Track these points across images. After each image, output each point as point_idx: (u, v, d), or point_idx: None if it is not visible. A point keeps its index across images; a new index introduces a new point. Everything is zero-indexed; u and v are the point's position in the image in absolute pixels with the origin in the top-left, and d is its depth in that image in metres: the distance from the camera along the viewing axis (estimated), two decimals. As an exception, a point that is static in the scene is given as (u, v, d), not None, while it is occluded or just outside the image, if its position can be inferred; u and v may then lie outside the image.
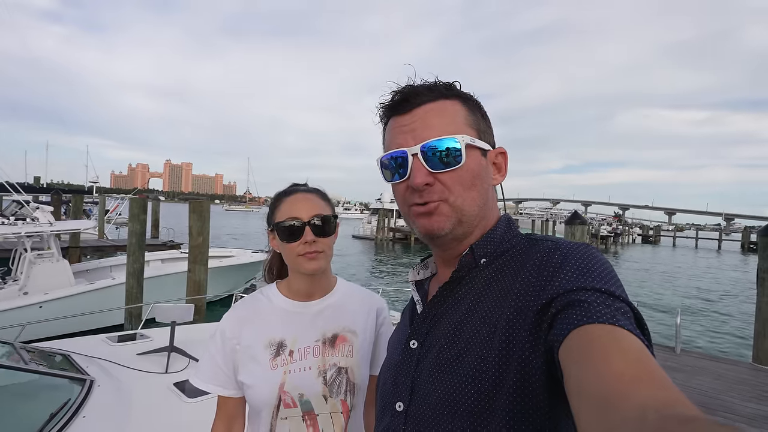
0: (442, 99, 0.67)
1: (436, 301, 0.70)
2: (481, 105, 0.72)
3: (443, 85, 0.69)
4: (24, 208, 9.23)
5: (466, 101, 0.69)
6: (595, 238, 40.02)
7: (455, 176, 0.65)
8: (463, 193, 0.66)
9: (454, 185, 0.66)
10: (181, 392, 2.63)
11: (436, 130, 0.65)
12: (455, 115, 0.67)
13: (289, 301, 1.11)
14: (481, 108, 0.71)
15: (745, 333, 10.86)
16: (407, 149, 0.66)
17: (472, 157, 0.66)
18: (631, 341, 0.46)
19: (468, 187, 0.66)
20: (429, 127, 0.66)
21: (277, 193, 1.13)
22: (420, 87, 0.68)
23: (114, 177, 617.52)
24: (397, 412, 0.67)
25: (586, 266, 0.56)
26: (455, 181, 0.65)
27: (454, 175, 0.65)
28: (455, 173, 0.65)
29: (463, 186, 0.66)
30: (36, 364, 2.67)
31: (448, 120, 0.66)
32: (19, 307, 7.18)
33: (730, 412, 4.23)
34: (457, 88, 0.70)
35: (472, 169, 0.66)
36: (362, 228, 40.09)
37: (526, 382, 0.54)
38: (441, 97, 0.67)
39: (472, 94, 0.71)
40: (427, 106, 0.67)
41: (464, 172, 0.65)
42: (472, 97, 0.71)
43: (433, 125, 0.66)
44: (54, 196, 16.39)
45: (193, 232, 7.60)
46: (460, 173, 0.65)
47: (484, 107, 0.72)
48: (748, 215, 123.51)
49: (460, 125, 0.66)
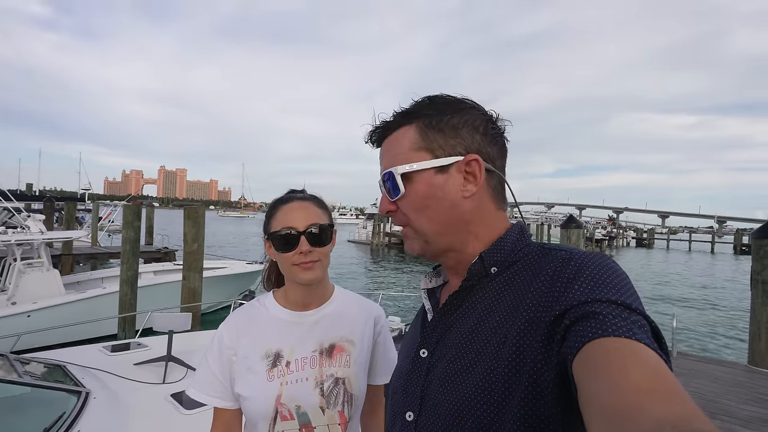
0: (400, 127, 0.71)
1: (446, 309, 0.69)
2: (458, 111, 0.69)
3: (403, 111, 0.71)
4: (15, 217, 9.12)
5: (424, 119, 0.68)
6: (590, 242, 40.22)
7: (405, 203, 0.70)
8: (418, 218, 0.69)
9: (408, 211, 0.70)
10: (179, 404, 2.59)
11: (387, 162, 0.71)
12: (402, 144, 0.70)
13: (286, 311, 1.10)
14: (449, 118, 0.68)
15: (741, 335, 10.93)
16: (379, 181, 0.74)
17: (418, 182, 0.68)
18: (648, 355, 0.45)
19: (419, 210, 0.69)
20: (385, 160, 0.72)
21: (273, 200, 1.12)
22: (387, 121, 0.73)
23: (108, 183, 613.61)
24: (407, 422, 0.67)
25: (602, 277, 0.55)
26: (407, 207, 0.70)
27: (404, 202, 0.70)
28: (405, 200, 0.70)
29: (415, 210, 0.69)
30: (30, 376, 2.62)
31: (396, 150, 0.70)
32: (7, 316, 7.06)
33: (727, 415, 4.24)
34: (427, 102, 0.69)
35: (420, 193, 0.68)
36: (358, 233, 40.10)
37: (537, 394, 0.53)
38: (399, 125, 0.71)
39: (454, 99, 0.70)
40: (387, 140, 0.72)
41: (411, 199, 0.69)
42: (442, 107, 0.68)
43: (387, 157, 0.72)
44: (46, 204, 16.23)
45: (188, 239, 7.55)
46: (408, 200, 0.69)
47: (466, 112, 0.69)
48: (740, 218, 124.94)
49: (405, 153, 0.69)
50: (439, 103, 0.70)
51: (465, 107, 0.70)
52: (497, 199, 0.71)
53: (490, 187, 0.69)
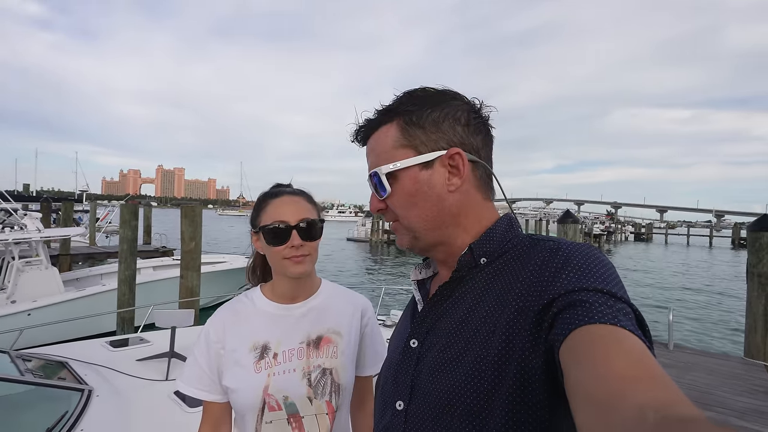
0: (382, 125, 0.71)
1: (436, 300, 0.70)
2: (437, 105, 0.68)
3: (384, 108, 0.72)
4: (12, 216, 9.10)
5: (404, 116, 0.69)
6: (588, 237, 40.26)
7: (393, 201, 0.71)
8: (406, 214, 0.70)
9: (397, 209, 0.71)
10: (182, 401, 2.59)
11: (372, 161, 0.72)
12: (384, 143, 0.70)
13: (273, 304, 1.11)
14: (429, 112, 0.68)
15: (738, 327, 10.99)
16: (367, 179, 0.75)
17: (403, 179, 0.69)
18: (632, 342, 0.46)
19: (408, 207, 0.70)
20: (370, 159, 0.73)
21: (262, 193, 1.11)
22: (369, 119, 0.73)
23: (105, 183, 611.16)
24: (397, 411, 0.67)
25: (588, 267, 0.57)
26: (395, 204, 0.71)
27: (392, 200, 0.71)
28: (393, 198, 0.71)
29: (403, 207, 0.70)
30: (32, 373, 2.62)
31: (379, 150, 0.71)
32: (7, 315, 7.06)
33: (723, 407, 4.28)
34: (406, 98, 0.70)
35: (406, 190, 0.69)
36: (357, 231, 40.02)
37: (525, 381, 0.54)
38: (381, 123, 0.72)
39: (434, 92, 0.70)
40: (372, 137, 0.73)
41: (398, 196, 0.70)
42: (420, 102, 0.69)
43: (371, 157, 0.73)
44: (43, 205, 16.18)
45: (185, 238, 7.54)
46: (395, 198, 0.70)
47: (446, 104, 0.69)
48: (738, 212, 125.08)
49: (388, 152, 0.70)
50: (419, 97, 0.70)
51: (445, 99, 0.70)
52: (484, 190, 0.71)
53: (476, 178, 0.70)
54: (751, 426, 3.85)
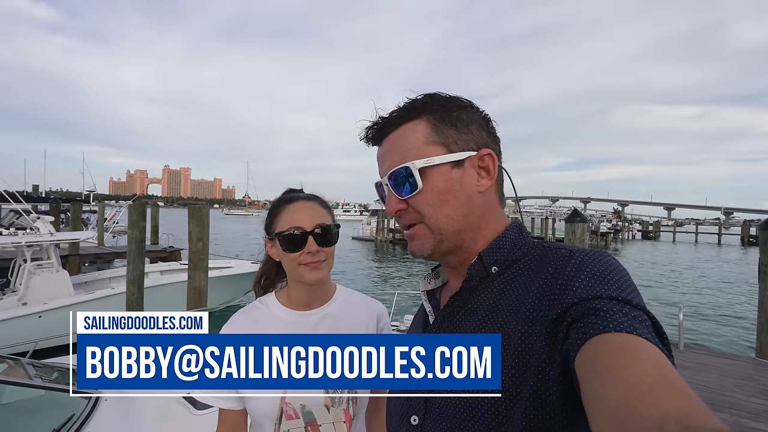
0: (406, 122, 0.68)
1: (447, 311, 0.69)
2: (463, 107, 0.69)
3: (408, 106, 0.69)
4: (22, 218, 9.20)
5: (433, 114, 0.68)
6: (595, 235, 40.01)
7: (422, 199, 0.67)
8: (435, 213, 0.67)
9: (424, 207, 0.67)
10: (191, 405, 2.58)
11: (397, 158, 0.68)
12: (414, 138, 0.67)
13: (289, 311, 1.10)
14: (457, 113, 0.68)
15: (749, 328, 10.86)
16: (381, 180, 0.72)
17: (435, 176, 0.66)
18: (649, 350, 0.45)
19: (438, 205, 0.67)
20: (393, 156, 0.69)
21: (276, 199, 1.11)
22: (388, 116, 0.70)
23: (113, 183, 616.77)
24: (412, 426, 0.66)
25: (602, 274, 0.55)
26: (423, 203, 0.67)
27: (421, 198, 0.67)
28: (421, 196, 0.67)
29: (433, 206, 0.67)
30: (41, 379, 2.64)
31: (407, 145, 0.67)
32: (19, 317, 7.14)
33: (735, 408, 4.22)
34: (429, 99, 0.69)
35: (437, 188, 0.66)
36: (362, 229, 40.10)
37: (543, 394, 0.53)
38: (405, 120, 0.68)
39: (452, 96, 0.70)
40: (392, 135, 0.70)
41: (429, 194, 0.66)
42: (446, 104, 0.68)
43: (395, 153, 0.68)
44: (53, 205, 16.35)
45: (193, 238, 7.58)
46: (425, 195, 0.67)
47: (469, 108, 0.70)
48: (747, 209, 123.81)
49: (419, 148, 0.67)
50: (443, 98, 0.69)
51: (465, 104, 0.70)
52: (501, 196, 0.72)
53: (497, 184, 0.70)
54: (764, 428, 3.79)
